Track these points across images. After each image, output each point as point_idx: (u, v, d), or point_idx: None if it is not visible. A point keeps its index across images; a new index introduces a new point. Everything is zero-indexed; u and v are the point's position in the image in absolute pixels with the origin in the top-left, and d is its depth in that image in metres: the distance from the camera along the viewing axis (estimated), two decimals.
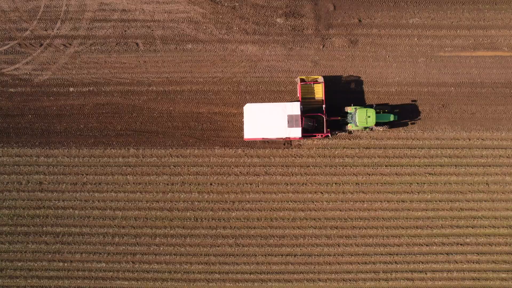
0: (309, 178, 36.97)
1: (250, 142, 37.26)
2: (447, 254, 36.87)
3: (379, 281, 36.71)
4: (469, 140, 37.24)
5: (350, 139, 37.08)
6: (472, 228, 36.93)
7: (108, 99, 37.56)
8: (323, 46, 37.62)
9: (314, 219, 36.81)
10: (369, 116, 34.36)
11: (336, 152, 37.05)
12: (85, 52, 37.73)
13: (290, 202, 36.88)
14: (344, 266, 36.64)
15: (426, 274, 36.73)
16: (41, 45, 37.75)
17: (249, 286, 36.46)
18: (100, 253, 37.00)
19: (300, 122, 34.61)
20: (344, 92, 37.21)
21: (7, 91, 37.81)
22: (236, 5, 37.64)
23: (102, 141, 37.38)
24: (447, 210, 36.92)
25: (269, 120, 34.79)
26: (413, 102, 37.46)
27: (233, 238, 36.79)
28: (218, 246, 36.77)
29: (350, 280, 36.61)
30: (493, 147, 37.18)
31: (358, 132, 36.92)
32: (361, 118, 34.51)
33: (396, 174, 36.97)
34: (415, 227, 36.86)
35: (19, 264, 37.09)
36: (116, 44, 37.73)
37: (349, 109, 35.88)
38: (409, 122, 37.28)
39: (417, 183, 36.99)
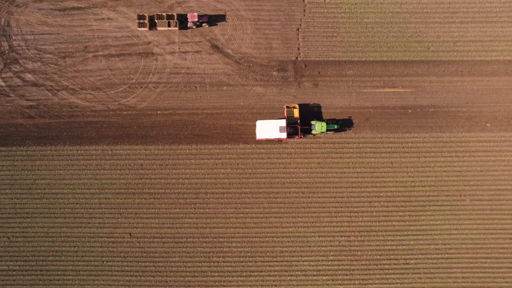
0: (291, 160, 65.81)
1: (259, 141, 65.90)
2: (369, 202, 65.28)
3: (331, 218, 65.23)
4: (381, 138, 66.21)
5: (314, 139, 66.20)
6: (383, 187, 65.47)
7: (180, 117, 66.59)
8: (299, 87, 67.02)
9: (295, 183, 65.40)
10: (322, 126, 63.22)
11: (306, 145, 66.05)
12: (166, 91, 66.93)
13: (281, 173, 65.52)
14: (312, 209, 65.19)
15: (358, 213, 65.13)
16: (141, 87, 66.93)
17: (259, 220, 64.86)
18: (175, 204, 65.30)
19: (286, 129, 63.34)
20: (310, 112, 66.17)
21: (121, 113, 66.77)
22: (250, 65, 67.09)
23: (177, 141, 66.12)
24: (369, 177, 65.61)
25: (269, 129, 62.83)
26: (349, 118, 66.47)
27: (250, 193, 65.36)
28: (242, 198, 65.33)
29: (315, 217, 65.14)
30: (395, 142, 66.06)
31: (319, 135, 65.94)
32: (318, 127, 63.22)
33: (340, 157, 65.92)
34: (351, 187, 65.38)
35: (130, 211, 65.43)
36: (184, 87, 66.94)
37: (313, 122, 64.32)
38: (347, 129, 66.13)
39: (352, 163, 65.84)
